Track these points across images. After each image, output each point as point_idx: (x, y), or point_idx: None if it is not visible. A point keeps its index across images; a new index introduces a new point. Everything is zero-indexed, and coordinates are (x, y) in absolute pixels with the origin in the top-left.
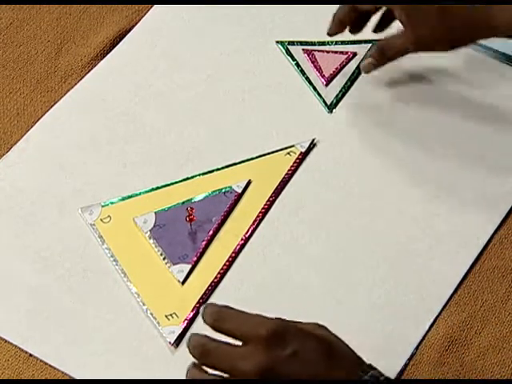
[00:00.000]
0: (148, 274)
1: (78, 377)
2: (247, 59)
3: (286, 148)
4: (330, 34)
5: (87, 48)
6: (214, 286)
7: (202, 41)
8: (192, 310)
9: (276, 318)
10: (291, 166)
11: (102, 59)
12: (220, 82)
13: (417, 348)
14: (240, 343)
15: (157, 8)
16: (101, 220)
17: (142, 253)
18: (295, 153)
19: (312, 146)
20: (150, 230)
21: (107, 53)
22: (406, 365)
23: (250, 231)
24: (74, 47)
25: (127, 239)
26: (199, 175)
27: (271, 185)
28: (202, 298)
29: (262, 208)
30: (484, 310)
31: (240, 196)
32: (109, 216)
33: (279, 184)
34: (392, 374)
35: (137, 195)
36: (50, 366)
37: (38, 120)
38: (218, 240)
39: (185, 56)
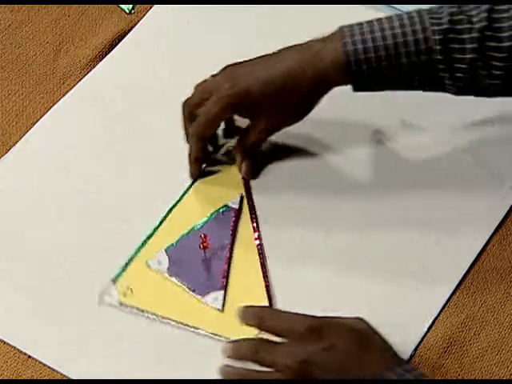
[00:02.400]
0: (186, 310)
1: (75, 378)
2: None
3: None
4: (194, 178)
5: (86, 49)
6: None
7: (201, 41)
8: None
9: (316, 316)
10: None
11: (100, 60)
12: None
13: (416, 349)
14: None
15: (156, 9)
16: (124, 295)
17: (172, 293)
18: None
19: None
20: (168, 269)
21: (106, 54)
22: None
23: (258, 239)
24: (72, 48)
25: (153, 289)
26: (185, 194)
27: None
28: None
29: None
30: (483, 311)
31: (239, 211)
32: (127, 287)
33: None
34: None
35: (137, 253)
36: (49, 367)
37: (36, 121)
38: (237, 257)
39: (184, 57)
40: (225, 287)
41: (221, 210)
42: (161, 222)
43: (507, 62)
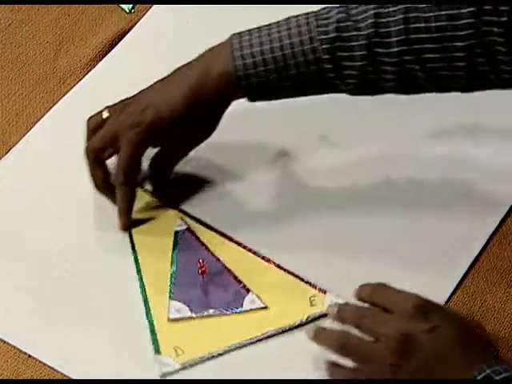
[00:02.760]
0: (235, 331)
1: (76, 377)
2: None
3: None
4: (126, 229)
5: (86, 49)
6: None
7: (201, 41)
8: None
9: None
10: None
11: (100, 60)
12: None
13: None
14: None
15: (156, 8)
16: (177, 356)
17: (212, 325)
18: None
19: None
20: (191, 310)
21: (106, 54)
22: None
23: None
24: (72, 48)
25: (195, 334)
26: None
27: None
28: None
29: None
30: (483, 310)
31: (191, 230)
32: (173, 349)
33: None
34: None
35: (151, 318)
36: (49, 367)
37: (37, 121)
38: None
39: (184, 56)
40: (248, 289)
41: (177, 239)
42: (141, 280)
43: (398, 66)
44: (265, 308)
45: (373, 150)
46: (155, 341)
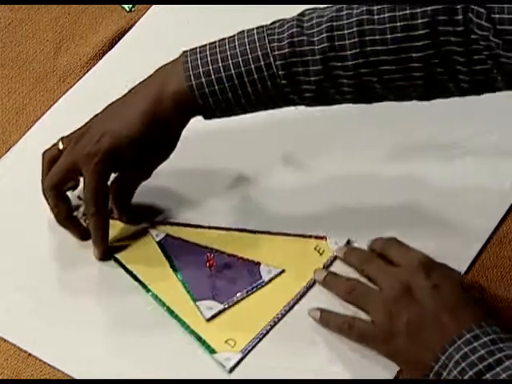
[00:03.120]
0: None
1: (77, 376)
2: None
3: None
4: (106, 258)
5: (86, 47)
6: None
7: (200, 40)
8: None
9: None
10: None
11: (100, 59)
12: None
13: None
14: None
15: (155, 8)
16: (233, 347)
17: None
18: None
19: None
20: (218, 301)
21: (106, 52)
22: None
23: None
24: (72, 47)
25: (237, 322)
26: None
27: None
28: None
29: None
30: None
31: (171, 236)
32: (225, 342)
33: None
34: (392, 371)
35: (183, 323)
36: (49, 365)
37: (37, 120)
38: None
39: None
40: (258, 262)
41: (165, 248)
42: (156, 297)
43: (355, 79)
44: (283, 272)
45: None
46: (204, 343)
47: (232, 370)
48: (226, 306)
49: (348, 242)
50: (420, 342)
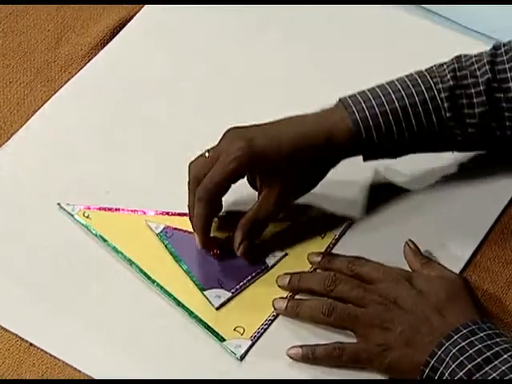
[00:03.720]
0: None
1: (78, 366)
2: (249, 47)
3: None
4: (203, 247)
5: (87, 37)
6: None
7: (202, 30)
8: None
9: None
10: None
11: (102, 49)
12: (221, 71)
13: None
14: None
15: None
16: (242, 334)
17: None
18: None
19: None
20: (226, 289)
21: (107, 42)
22: None
23: None
24: (74, 36)
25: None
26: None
27: None
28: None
29: None
30: (485, 299)
31: (172, 227)
32: (234, 329)
33: None
34: None
35: (193, 315)
36: (51, 355)
37: (38, 109)
38: None
39: (185, 45)
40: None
41: (163, 240)
42: (161, 288)
43: None
44: (286, 255)
45: None
46: (213, 332)
47: (242, 357)
48: (234, 293)
49: (349, 225)
50: (415, 347)
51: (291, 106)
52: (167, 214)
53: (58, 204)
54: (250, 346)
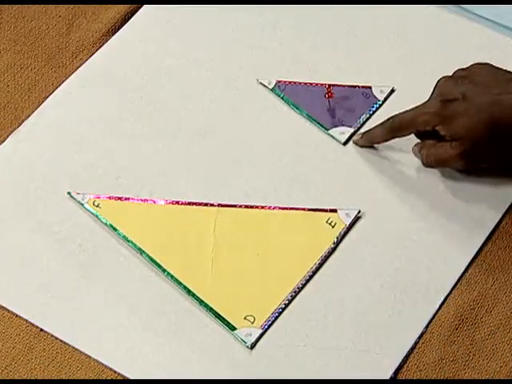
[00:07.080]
0: None
1: (87, 352)
2: (260, 34)
3: None
4: (356, 143)
5: (99, 23)
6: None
7: (214, 16)
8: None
9: None
10: None
11: (113, 35)
12: (232, 58)
13: (427, 326)
14: None
15: None
16: (252, 322)
17: None
18: None
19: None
20: None
21: (119, 28)
22: (415, 343)
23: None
24: (85, 22)
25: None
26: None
27: None
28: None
29: None
30: (495, 288)
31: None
32: (247, 316)
33: None
34: (401, 351)
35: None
36: (61, 340)
37: (49, 95)
38: None
39: (197, 31)
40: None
41: (278, 91)
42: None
43: None
44: (393, 90)
45: None
46: (224, 320)
47: (253, 346)
48: (356, 129)
49: (359, 213)
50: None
51: None
52: (177, 203)
53: (68, 193)
54: (261, 335)
